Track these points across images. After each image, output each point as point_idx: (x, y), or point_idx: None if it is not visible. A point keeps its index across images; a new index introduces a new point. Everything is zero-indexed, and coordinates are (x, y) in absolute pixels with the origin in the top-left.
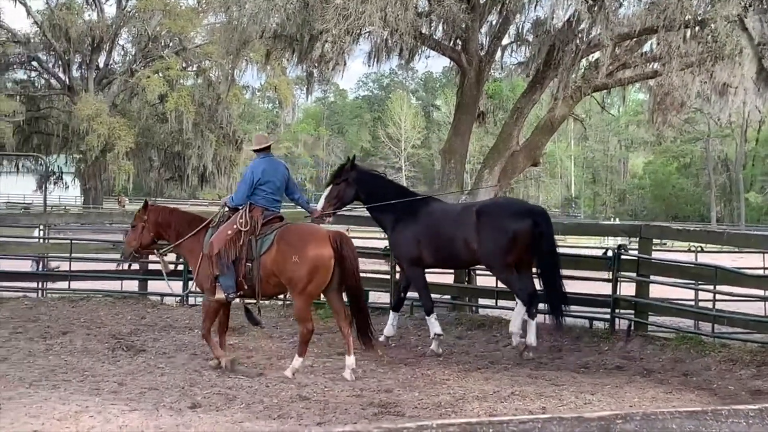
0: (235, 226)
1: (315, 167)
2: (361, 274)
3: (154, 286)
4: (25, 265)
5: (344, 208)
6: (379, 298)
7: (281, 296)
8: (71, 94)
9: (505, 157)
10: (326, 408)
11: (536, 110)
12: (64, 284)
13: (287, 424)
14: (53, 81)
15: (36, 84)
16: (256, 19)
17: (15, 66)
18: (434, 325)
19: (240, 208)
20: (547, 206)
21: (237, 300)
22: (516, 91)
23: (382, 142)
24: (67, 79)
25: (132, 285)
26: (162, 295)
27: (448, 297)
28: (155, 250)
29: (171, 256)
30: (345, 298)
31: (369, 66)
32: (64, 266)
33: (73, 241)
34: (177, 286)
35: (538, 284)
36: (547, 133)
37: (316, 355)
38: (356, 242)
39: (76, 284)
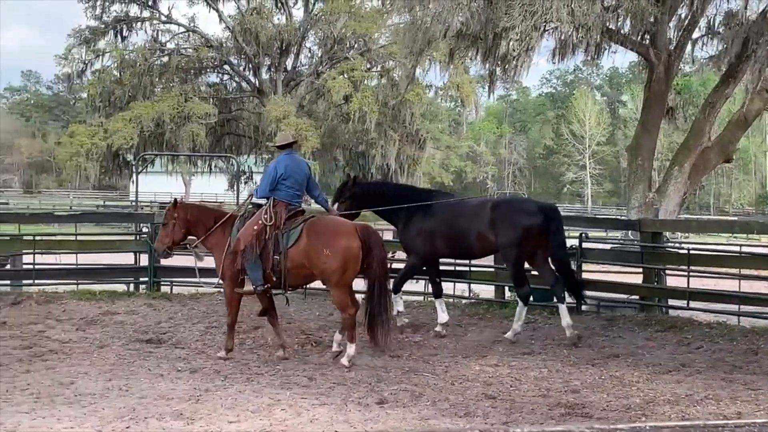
0: (260, 221)
1: (497, 165)
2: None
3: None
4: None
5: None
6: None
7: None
8: (261, 96)
9: (695, 153)
10: (512, 407)
11: (729, 105)
12: None
13: (473, 422)
14: (244, 84)
15: (228, 87)
16: (439, 18)
17: (208, 70)
18: (399, 304)
19: (263, 202)
20: (740, 204)
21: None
22: (707, 85)
23: (566, 139)
24: (257, 82)
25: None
26: None
27: (637, 297)
28: (188, 246)
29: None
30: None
31: (553, 62)
32: None
33: None
34: None
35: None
36: (741, 129)
37: (501, 354)
38: None
39: None
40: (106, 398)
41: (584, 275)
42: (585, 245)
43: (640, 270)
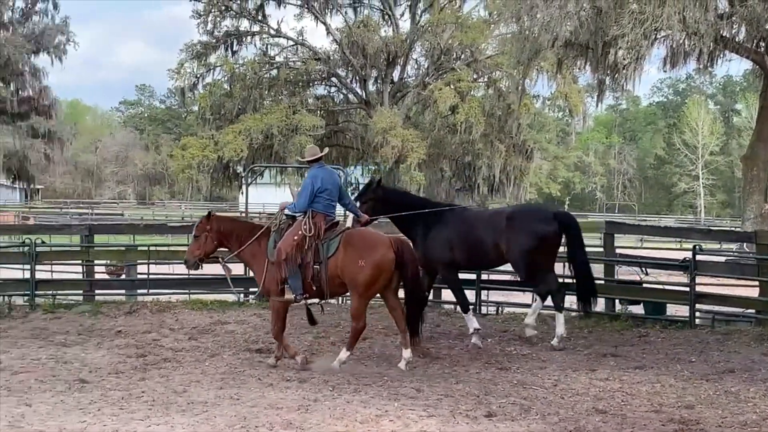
0: (300, 232)
1: (606, 176)
2: (658, 287)
3: (447, 294)
4: None
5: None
6: (677, 311)
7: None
8: (367, 107)
9: None
10: (624, 423)
11: None
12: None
13: None
14: (351, 96)
15: (335, 99)
16: (548, 28)
17: (316, 82)
18: (472, 321)
19: (298, 215)
20: None
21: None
22: None
23: (678, 149)
24: (363, 94)
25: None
26: (455, 303)
27: (752, 311)
28: (219, 258)
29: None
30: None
31: (664, 71)
32: None
33: None
34: None
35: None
36: None
37: (611, 367)
38: (652, 254)
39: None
40: (218, 406)
41: (698, 288)
42: (699, 257)
43: (757, 283)
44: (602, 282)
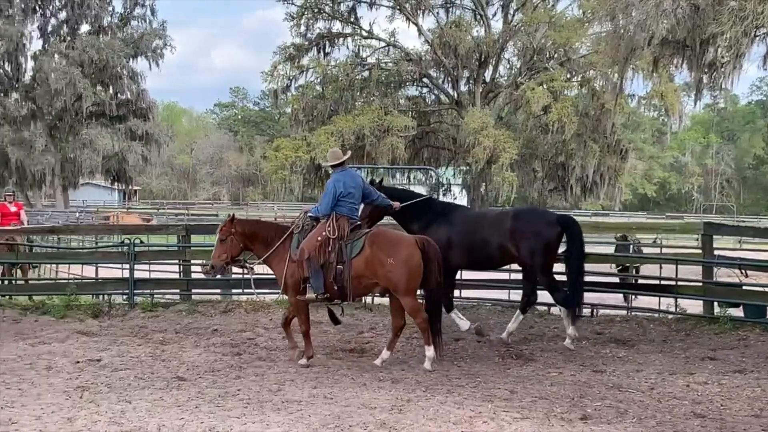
0: (324, 233)
1: (703, 176)
2: (759, 289)
3: (543, 296)
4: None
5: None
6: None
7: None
8: (459, 108)
9: None
10: (723, 427)
11: None
12: (455, 292)
13: None
14: (443, 96)
15: (426, 100)
16: (643, 26)
17: (408, 83)
18: (462, 322)
19: (321, 217)
20: None
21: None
22: None
23: None
24: (455, 94)
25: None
26: (550, 305)
27: None
28: (243, 261)
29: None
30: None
31: (765, 69)
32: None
33: None
34: None
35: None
36: None
37: (710, 371)
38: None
39: (466, 292)
40: (312, 405)
41: None
42: None
43: None
44: (700, 284)
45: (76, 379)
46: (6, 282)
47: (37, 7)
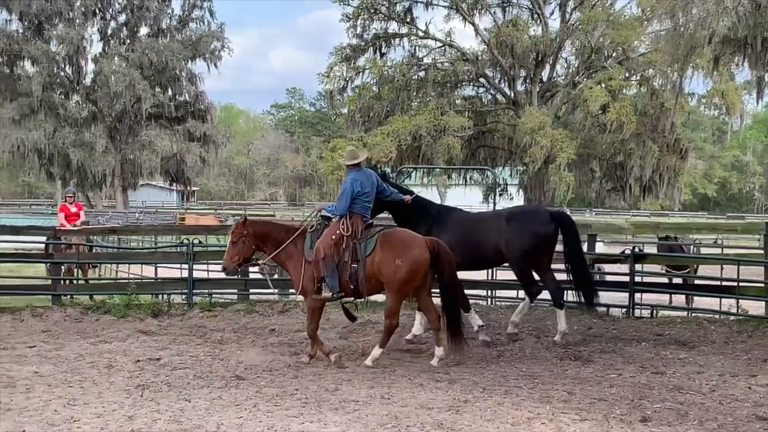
0: (338, 232)
1: (765, 176)
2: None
3: (604, 297)
4: (476, 273)
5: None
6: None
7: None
8: (516, 108)
9: None
10: None
11: None
12: (512, 293)
13: None
14: (499, 96)
15: (483, 99)
16: (703, 24)
17: (464, 83)
18: (474, 320)
19: (333, 216)
20: None
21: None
22: None
23: None
24: (512, 94)
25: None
26: (608, 306)
27: None
28: (257, 262)
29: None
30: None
31: None
32: (512, 275)
33: None
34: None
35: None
36: None
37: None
38: None
39: (524, 293)
40: (369, 405)
41: None
42: None
43: None
44: (763, 285)
45: (136, 377)
46: (68, 282)
47: (97, 11)
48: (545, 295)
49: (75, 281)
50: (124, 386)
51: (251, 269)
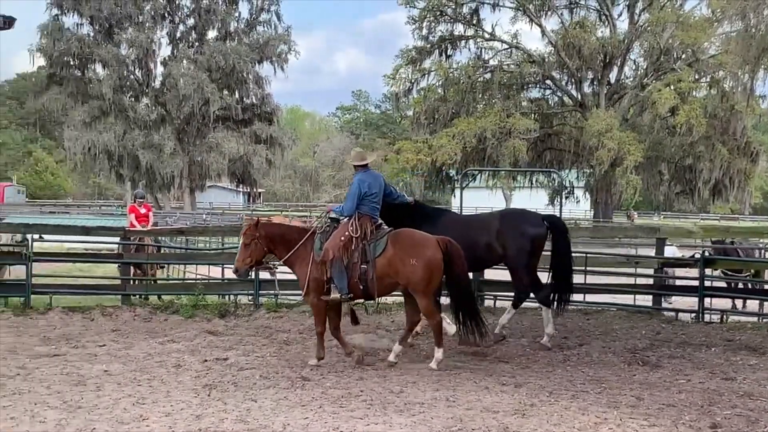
0: (347, 233)
1: None
2: None
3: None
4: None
5: None
6: None
7: None
8: (582, 110)
9: None
10: None
11: None
12: (579, 296)
13: None
14: (565, 98)
15: (549, 102)
16: None
17: (530, 85)
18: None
19: (343, 218)
20: None
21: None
22: None
23: None
24: (578, 96)
25: (646, 300)
26: (677, 311)
27: None
28: (269, 264)
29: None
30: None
31: None
32: (579, 279)
33: (588, 255)
34: None
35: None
36: None
37: None
38: None
39: (590, 297)
40: (434, 408)
41: None
42: None
43: None
44: None
45: (203, 377)
46: (137, 282)
47: (166, 14)
48: (601, 297)
49: (144, 281)
50: (192, 386)
51: None
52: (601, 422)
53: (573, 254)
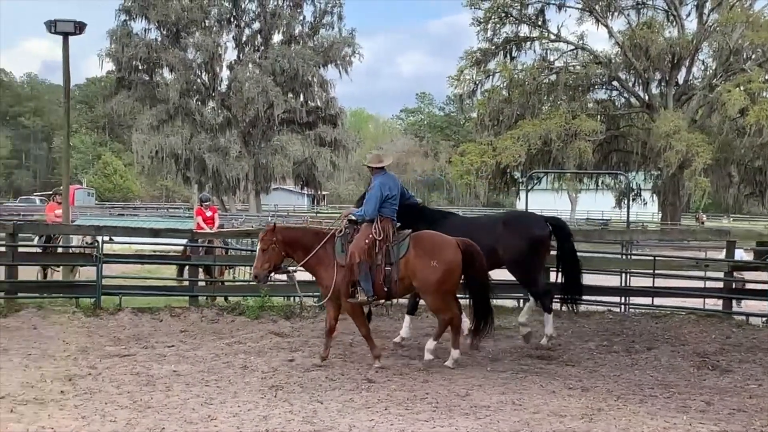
0: (371, 236)
1: None
2: None
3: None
4: (610, 280)
5: None
6: None
7: None
8: (650, 111)
9: None
10: None
11: None
12: (647, 300)
13: None
14: (632, 99)
15: (616, 103)
16: None
17: (596, 86)
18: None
19: (360, 220)
20: None
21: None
22: None
23: None
24: (646, 97)
25: (716, 303)
26: (747, 314)
27: None
28: (286, 269)
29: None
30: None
31: None
32: (647, 282)
33: (656, 258)
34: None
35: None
36: None
37: None
38: None
39: (659, 300)
40: (501, 411)
41: None
42: None
43: None
44: None
45: (270, 378)
46: (205, 284)
47: (232, 19)
48: (670, 301)
49: (218, 283)
50: (259, 386)
51: None
52: (670, 427)
53: (643, 257)
